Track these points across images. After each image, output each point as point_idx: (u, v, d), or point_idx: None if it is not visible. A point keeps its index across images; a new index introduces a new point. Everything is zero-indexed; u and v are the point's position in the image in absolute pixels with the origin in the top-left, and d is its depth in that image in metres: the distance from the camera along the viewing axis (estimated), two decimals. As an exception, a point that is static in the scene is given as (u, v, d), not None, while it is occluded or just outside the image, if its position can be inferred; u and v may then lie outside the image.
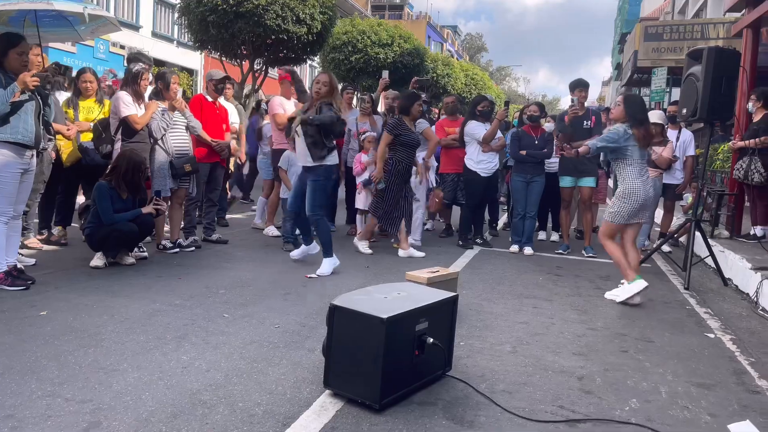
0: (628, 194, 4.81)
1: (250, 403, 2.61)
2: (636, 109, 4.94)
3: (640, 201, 4.79)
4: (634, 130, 4.81)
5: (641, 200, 4.79)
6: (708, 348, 3.78)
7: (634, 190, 4.79)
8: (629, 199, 4.80)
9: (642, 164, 4.88)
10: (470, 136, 6.87)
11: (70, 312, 3.73)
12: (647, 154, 5.22)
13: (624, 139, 4.80)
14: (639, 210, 4.83)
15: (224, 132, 6.40)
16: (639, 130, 4.81)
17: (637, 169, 4.83)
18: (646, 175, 4.89)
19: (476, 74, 31.40)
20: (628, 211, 4.82)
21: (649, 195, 4.87)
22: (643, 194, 4.80)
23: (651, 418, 2.69)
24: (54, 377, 2.77)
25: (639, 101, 5.34)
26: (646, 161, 4.99)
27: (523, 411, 2.68)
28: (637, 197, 4.78)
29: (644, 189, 4.81)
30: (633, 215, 4.85)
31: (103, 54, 19.36)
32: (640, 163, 4.85)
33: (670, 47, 15.57)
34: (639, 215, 4.88)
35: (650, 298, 4.93)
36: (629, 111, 4.90)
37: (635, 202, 4.78)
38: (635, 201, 4.78)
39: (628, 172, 4.83)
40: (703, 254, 6.17)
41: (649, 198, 4.88)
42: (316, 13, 14.55)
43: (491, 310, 4.38)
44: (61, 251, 5.54)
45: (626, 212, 4.83)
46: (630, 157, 4.83)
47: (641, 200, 4.79)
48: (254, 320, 3.79)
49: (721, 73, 5.47)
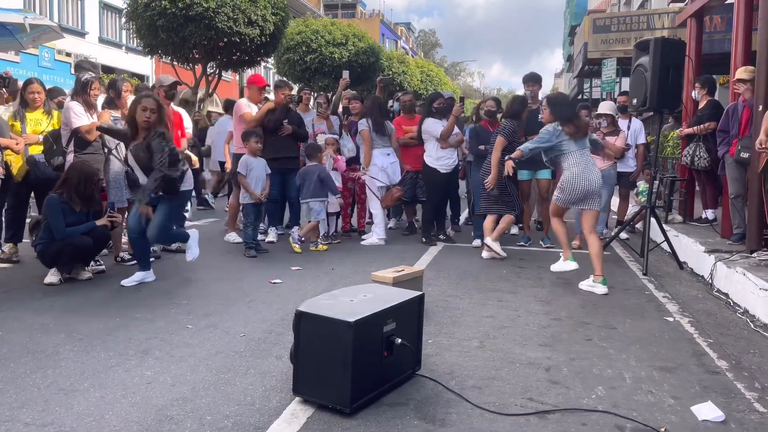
0: (571, 182, 5.06)
1: (218, 415, 2.57)
2: (561, 109, 5.24)
3: (582, 187, 5.02)
4: (564, 128, 5.11)
5: (584, 187, 5.02)
6: (668, 332, 3.88)
7: (575, 177, 5.05)
8: (572, 186, 5.06)
9: (582, 153, 5.15)
10: (428, 134, 6.91)
11: (25, 332, 3.60)
12: (593, 143, 5.47)
13: (555, 136, 5.12)
14: (584, 196, 5.07)
15: (179, 138, 6.27)
16: (568, 126, 5.10)
17: (576, 158, 5.10)
18: (587, 162, 5.11)
19: (432, 71, 31.63)
20: (573, 197, 5.09)
21: (593, 181, 5.07)
22: (585, 181, 5.03)
23: (617, 404, 2.75)
24: (12, 401, 2.66)
25: (562, 101, 5.59)
26: (587, 149, 5.24)
27: (494, 406, 2.71)
28: (578, 184, 5.03)
29: (585, 176, 5.03)
30: (579, 201, 5.11)
31: (49, 62, 18.76)
32: (579, 153, 5.13)
33: (618, 38, 15.94)
34: (586, 201, 5.09)
35: (611, 285, 5.04)
36: (555, 112, 5.22)
37: (578, 188, 5.04)
38: (577, 187, 5.04)
39: (569, 162, 5.11)
40: (659, 239, 6.35)
41: (593, 184, 5.06)
42: (268, 14, 14.41)
43: (457, 305, 4.41)
44: (12, 269, 5.34)
45: (570, 198, 5.11)
46: (567, 151, 5.12)
47: (584, 187, 5.02)
48: (219, 330, 3.72)
49: (668, 62, 5.63)
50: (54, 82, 12.13)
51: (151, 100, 4.68)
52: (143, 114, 4.60)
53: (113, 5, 21.91)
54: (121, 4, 15.29)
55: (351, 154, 7.31)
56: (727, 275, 4.90)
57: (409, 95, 8.01)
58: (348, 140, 7.36)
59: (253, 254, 6.04)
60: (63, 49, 19.41)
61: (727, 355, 3.47)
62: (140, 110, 4.60)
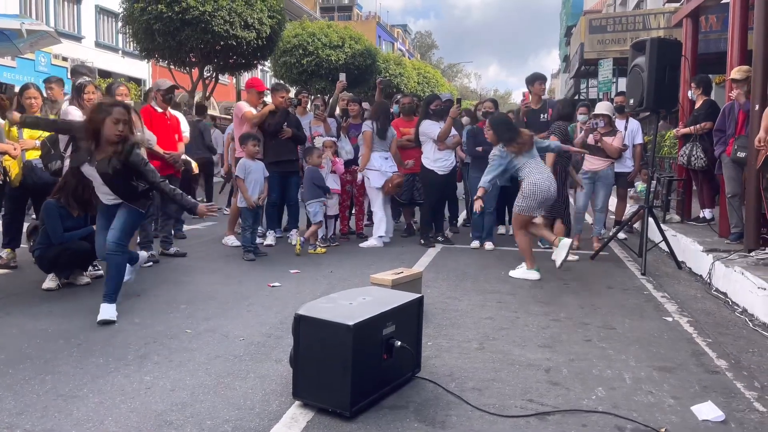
0: (532, 189, 5.35)
1: (218, 420, 2.56)
2: (501, 130, 5.52)
3: (542, 193, 5.35)
4: (508, 148, 5.42)
5: (544, 192, 5.35)
6: (667, 331, 3.89)
7: (536, 184, 5.34)
8: (533, 194, 5.34)
9: (535, 161, 5.49)
10: (425, 135, 6.91)
11: (23, 338, 3.59)
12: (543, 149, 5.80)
13: (504, 158, 5.43)
14: (543, 201, 5.42)
15: (177, 143, 6.26)
16: (511, 146, 5.41)
17: (532, 167, 5.42)
18: (542, 169, 5.48)
19: (428, 72, 31.70)
20: (535, 203, 5.38)
21: (551, 188, 5.40)
22: (545, 187, 5.35)
23: (617, 405, 2.75)
24: (11, 408, 2.65)
25: (502, 121, 5.75)
26: (538, 156, 5.55)
27: (494, 407, 2.71)
28: (539, 190, 5.34)
29: (545, 183, 5.37)
30: (539, 206, 5.46)
31: (45, 67, 18.74)
32: (533, 163, 5.45)
33: (614, 39, 15.99)
34: (542, 208, 5.55)
35: (610, 286, 5.04)
36: (497, 134, 5.52)
37: (538, 195, 5.34)
38: (538, 194, 5.34)
39: (526, 171, 5.41)
40: (657, 239, 6.36)
41: (551, 190, 5.40)
42: (265, 18, 14.42)
43: (456, 307, 4.41)
44: (10, 274, 5.33)
45: (531, 205, 5.39)
46: (521, 164, 5.43)
47: (544, 192, 5.35)
48: (218, 334, 3.72)
49: (665, 62, 5.65)
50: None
51: (121, 109, 3.99)
52: (115, 128, 3.91)
53: (109, 9, 21.89)
54: (118, 8, 15.29)
55: (349, 156, 7.31)
56: (726, 274, 4.90)
57: (409, 98, 8.02)
58: (346, 142, 7.36)
59: (251, 257, 6.03)
60: (59, 54, 19.37)
61: (726, 354, 3.48)
62: (110, 123, 3.91)
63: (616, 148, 6.74)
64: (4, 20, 5.58)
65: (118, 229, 4.08)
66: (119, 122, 3.93)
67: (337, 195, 6.97)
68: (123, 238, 4.12)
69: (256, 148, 6.25)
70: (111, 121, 3.92)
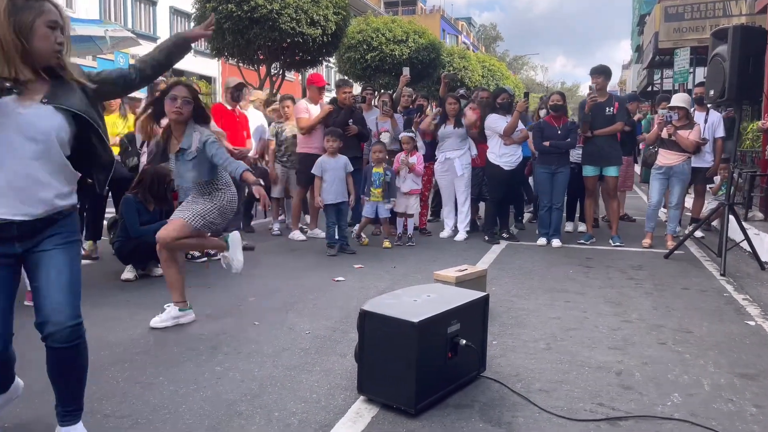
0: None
1: (285, 412, 2.61)
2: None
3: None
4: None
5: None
6: (749, 336, 3.68)
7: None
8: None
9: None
10: (491, 130, 6.80)
11: (103, 326, 3.78)
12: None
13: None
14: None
15: (245, 139, 6.42)
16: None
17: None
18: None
19: (493, 65, 31.19)
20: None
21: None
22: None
23: (695, 412, 2.63)
24: (92, 393, 2.78)
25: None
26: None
27: (562, 410, 2.64)
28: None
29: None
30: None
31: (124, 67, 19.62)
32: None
33: (691, 27, 15.24)
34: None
35: (686, 286, 4.82)
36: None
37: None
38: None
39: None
40: (738, 238, 6.02)
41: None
42: (330, 14, 14.57)
43: (522, 306, 4.33)
44: (92, 266, 5.61)
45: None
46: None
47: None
48: (285, 327, 3.79)
49: (748, 51, 5.35)
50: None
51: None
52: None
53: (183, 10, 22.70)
54: (191, 8, 15.82)
55: (421, 152, 7.24)
56: (815, 277, 4.59)
57: (486, 92, 7.82)
58: (418, 138, 7.28)
59: (333, 252, 6.10)
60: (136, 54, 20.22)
61: (815, 362, 3.26)
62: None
63: (692, 141, 6.41)
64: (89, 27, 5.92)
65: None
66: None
67: (415, 195, 6.85)
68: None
69: (329, 144, 6.26)
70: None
